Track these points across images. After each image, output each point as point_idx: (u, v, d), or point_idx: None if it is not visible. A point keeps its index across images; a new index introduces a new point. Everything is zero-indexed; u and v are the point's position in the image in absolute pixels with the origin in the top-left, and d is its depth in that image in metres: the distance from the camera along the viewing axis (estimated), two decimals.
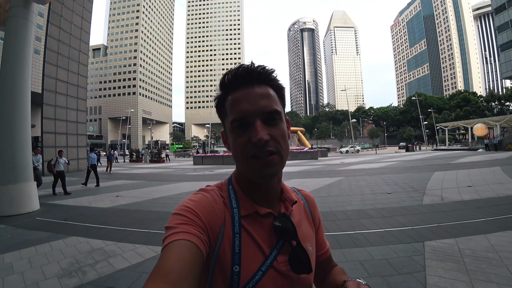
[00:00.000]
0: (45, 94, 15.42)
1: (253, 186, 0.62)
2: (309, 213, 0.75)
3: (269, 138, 0.55)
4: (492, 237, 3.58)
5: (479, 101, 67.10)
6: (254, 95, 0.57)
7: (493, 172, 10.02)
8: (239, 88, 0.58)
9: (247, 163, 0.56)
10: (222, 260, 0.55)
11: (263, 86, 0.59)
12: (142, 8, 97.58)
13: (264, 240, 0.59)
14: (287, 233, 0.59)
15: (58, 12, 15.99)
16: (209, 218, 0.56)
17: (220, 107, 0.63)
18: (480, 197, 6.06)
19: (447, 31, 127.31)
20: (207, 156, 24.59)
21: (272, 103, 0.58)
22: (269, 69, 0.60)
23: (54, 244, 3.92)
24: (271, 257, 0.58)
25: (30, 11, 6.79)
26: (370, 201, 6.13)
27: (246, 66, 0.59)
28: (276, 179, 0.62)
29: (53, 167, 8.55)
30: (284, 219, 0.60)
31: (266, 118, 0.57)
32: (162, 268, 0.44)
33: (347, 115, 71.43)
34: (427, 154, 26.55)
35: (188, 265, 0.45)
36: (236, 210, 0.60)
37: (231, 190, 0.64)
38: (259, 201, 0.62)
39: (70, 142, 16.93)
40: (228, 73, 0.60)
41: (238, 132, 0.57)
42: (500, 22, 32.11)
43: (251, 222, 0.60)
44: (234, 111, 0.57)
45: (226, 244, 0.56)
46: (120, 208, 6.31)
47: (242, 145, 0.56)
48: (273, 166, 0.56)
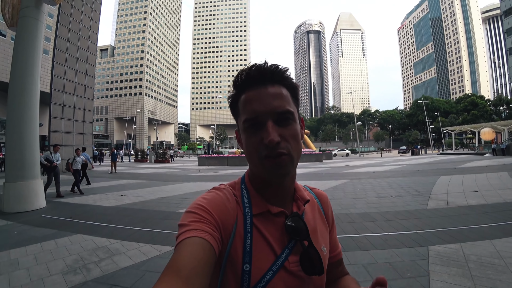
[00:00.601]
0: (53, 94, 15.67)
1: (266, 184, 0.62)
2: (323, 211, 0.74)
3: (280, 140, 0.55)
4: (497, 242, 3.53)
5: (486, 105, 66.29)
6: (267, 95, 0.57)
7: (500, 177, 9.87)
8: (252, 88, 0.58)
9: (260, 163, 0.56)
10: (234, 259, 0.55)
11: (276, 85, 0.58)
12: (150, 9, 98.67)
13: (276, 239, 0.59)
14: (298, 233, 0.59)
15: (68, 13, 16.27)
16: (222, 216, 0.56)
17: (234, 106, 0.63)
18: (487, 202, 5.97)
19: (455, 34, 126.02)
20: (212, 157, 24.66)
21: (285, 103, 0.58)
22: (282, 68, 0.60)
23: (60, 241, 3.97)
24: (282, 256, 0.57)
25: (41, 11, 6.92)
26: (374, 204, 6.08)
27: (259, 65, 0.58)
28: (289, 178, 0.62)
29: (71, 165, 8.70)
30: (296, 219, 0.60)
31: (278, 119, 0.56)
32: (175, 264, 0.44)
33: (353, 117, 71.03)
34: (433, 158, 26.26)
35: (201, 262, 0.45)
36: (248, 209, 0.60)
37: (243, 189, 0.64)
38: (272, 200, 0.62)
39: (77, 141, 17.15)
40: (241, 72, 0.60)
41: (250, 132, 0.57)
42: (510, 25, 31.71)
43: (263, 220, 0.60)
44: (247, 111, 0.57)
45: (238, 242, 0.56)
46: (125, 207, 6.36)
47: (255, 145, 0.56)
48: (284, 167, 0.56)
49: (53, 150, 8.42)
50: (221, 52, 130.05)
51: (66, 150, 15.98)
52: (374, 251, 3.40)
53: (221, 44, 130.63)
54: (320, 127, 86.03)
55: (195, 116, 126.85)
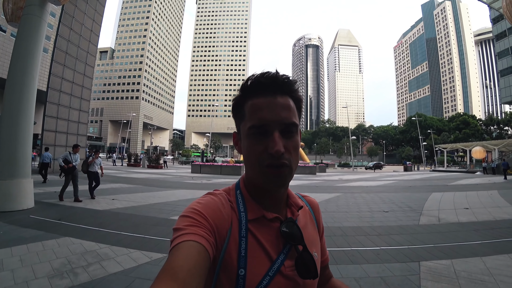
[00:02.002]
0: (50, 92, 15.53)
1: (261, 191, 0.63)
2: (314, 218, 0.75)
3: (284, 151, 0.56)
4: (488, 260, 3.56)
5: (478, 124, 67.71)
6: (276, 105, 0.58)
7: (490, 195, 10.00)
8: (261, 95, 0.59)
9: (261, 171, 0.57)
10: (228, 263, 0.55)
11: (285, 96, 0.60)
12: (152, 15, 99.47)
13: (271, 244, 0.59)
14: (293, 238, 0.60)
15: (71, 13, 16.31)
16: (217, 221, 0.56)
17: (238, 109, 0.63)
18: (477, 219, 6.03)
19: (448, 55, 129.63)
20: (206, 165, 24.52)
21: (292, 115, 0.59)
22: (292, 79, 0.61)
23: (47, 243, 3.87)
24: (278, 261, 0.58)
25: (44, 10, 6.95)
26: (367, 219, 6.10)
27: (271, 74, 0.59)
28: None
29: (88, 166, 8.21)
30: (291, 224, 0.61)
31: (283, 130, 0.58)
32: (170, 267, 0.44)
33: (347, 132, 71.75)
34: (425, 175, 26.53)
35: (196, 266, 0.46)
36: (244, 214, 0.60)
37: (238, 194, 0.64)
38: (266, 205, 0.63)
39: (70, 142, 16.90)
40: (251, 78, 0.60)
41: (255, 139, 0.58)
42: (501, 48, 32.77)
43: (258, 226, 0.60)
44: (254, 118, 0.58)
45: (233, 247, 0.56)
46: (116, 211, 6.26)
47: (258, 152, 0.57)
48: (284, 177, 0.58)
49: (72, 151, 7.90)
50: (220, 61, 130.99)
51: (58, 150, 15.76)
52: (366, 265, 3.39)
53: (220, 53, 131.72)
54: (315, 140, 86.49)
55: (191, 123, 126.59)
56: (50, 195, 8.04)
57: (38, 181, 10.77)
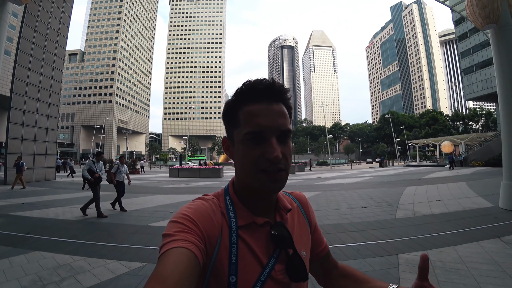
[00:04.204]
0: (14, 98, 14.54)
1: (253, 196, 0.63)
2: (303, 214, 0.76)
3: (281, 156, 0.57)
4: (460, 248, 3.76)
5: (445, 120, 71.81)
6: (273, 112, 0.59)
7: (459, 187, 10.61)
8: (257, 102, 0.59)
9: (256, 175, 0.57)
10: (219, 270, 0.55)
11: (279, 103, 0.61)
12: (124, 16, 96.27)
13: (261, 249, 0.60)
14: (283, 242, 0.60)
15: (35, 14, 15.40)
16: (207, 227, 0.56)
17: (231, 115, 0.63)
18: (448, 210, 6.37)
19: (417, 55, 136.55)
20: (184, 168, 24.06)
21: (287, 122, 0.60)
22: (286, 88, 0.62)
23: (15, 260, 3.61)
24: (269, 266, 0.58)
25: (4, 10, 6.52)
26: (346, 215, 6.24)
27: (268, 81, 0.60)
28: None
29: (113, 176, 7.46)
30: (280, 228, 0.62)
31: (280, 136, 0.58)
32: (159, 274, 0.44)
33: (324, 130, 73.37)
34: (399, 170, 27.69)
35: (186, 273, 0.45)
36: (234, 220, 0.60)
37: (228, 200, 0.64)
38: (256, 210, 0.63)
39: (38, 150, 15.97)
40: (246, 84, 0.61)
41: (251, 144, 0.58)
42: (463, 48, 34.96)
43: (248, 232, 0.60)
44: (251, 124, 0.58)
45: (223, 254, 0.56)
46: (90, 221, 5.98)
47: (254, 158, 0.57)
48: (281, 181, 0.59)
49: (95, 159, 7.05)
50: (196, 63, 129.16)
51: (25, 158, 14.84)
52: (347, 262, 3.46)
53: (195, 55, 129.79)
54: (293, 140, 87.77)
55: (167, 126, 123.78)
56: (17, 207, 7.51)
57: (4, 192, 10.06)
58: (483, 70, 31.35)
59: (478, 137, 35.92)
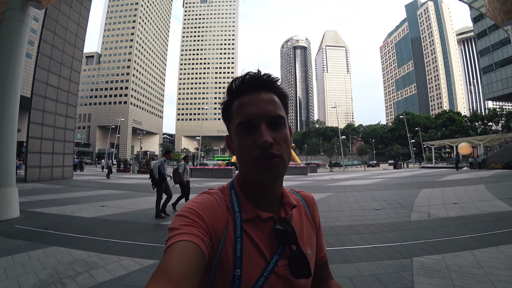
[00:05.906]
0: (34, 99, 15.14)
1: (256, 189, 0.63)
2: (309, 214, 0.75)
3: (273, 141, 0.57)
4: (477, 253, 3.63)
5: (463, 121, 69.62)
6: (261, 100, 0.60)
7: (477, 190, 10.24)
8: (246, 94, 0.61)
9: (252, 164, 0.57)
10: (224, 264, 0.55)
11: (268, 93, 0.61)
12: (139, 19, 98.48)
13: (265, 244, 0.60)
14: (287, 238, 0.60)
15: (54, 18, 15.97)
16: (212, 220, 0.56)
17: (226, 111, 0.65)
18: (466, 214, 6.16)
19: (433, 54, 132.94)
20: (197, 168, 24.33)
21: (277, 108, 0.61)
22: (274, 77, 0.63)
23: (33, 254, 3.74)
24: (272, 261, 0.58)
25: (26, 14, 6.78)
26: (358, 217, 6.14)
27: (253, 73, 0.61)
28: (279, 183, 0.64)
29: (182, 175, 7.36)
30: (284, 224, 0.61)
31: (270, 122, 0.59)
32: (165, 267, 0.44)
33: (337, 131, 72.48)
34: (414, 172, 27.02)
35: (191, 266, 0.45)
36: (238, 214, 0.60)
37: (233, 194, 0.64)
38: (260, 205, 0.63)
39: (57, 149, 16.53)
40: (235, 80, 0.62)
41: (243, 134, 0.59)
42: (482, 46, 33.84)
43: (252, 226, 0.60)
44: (241, 115, 0.59)
45: (228, 247, 0.56)
46: (105, 218, 6.12)
47: (248, 147, 0.58)
48: (276, 168, 0.57)
49: (165, 158, 6.81)
50: (209, 64, 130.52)
51: (44, 157, 15.38)
52: (359, 263, 3.40)
53: (209, 56, 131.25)
54: (305, 141, 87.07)
55: (181, 127, 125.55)
56: (36, 204, 7.80)
57: (24, 189, 10.47)
58: (503, 69, 30.26)
59: (498, 138, 34.63)
